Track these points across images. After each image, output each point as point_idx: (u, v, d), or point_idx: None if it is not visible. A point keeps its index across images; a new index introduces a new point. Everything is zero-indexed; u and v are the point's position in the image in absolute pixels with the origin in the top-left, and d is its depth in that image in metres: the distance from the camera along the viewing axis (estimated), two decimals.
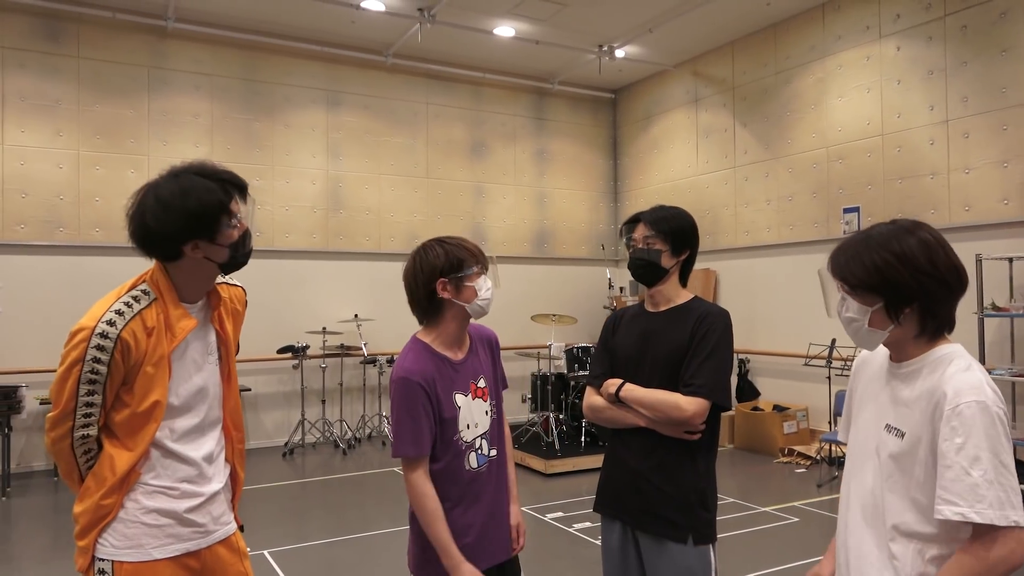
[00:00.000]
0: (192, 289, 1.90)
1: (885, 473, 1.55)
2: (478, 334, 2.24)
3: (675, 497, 2.17)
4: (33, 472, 6.98)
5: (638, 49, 8.78)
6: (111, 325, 1.75)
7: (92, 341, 1.74)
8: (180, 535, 1.87)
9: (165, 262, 1.86)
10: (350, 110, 8.72)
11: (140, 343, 1.78)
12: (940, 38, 6.47)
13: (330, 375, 8.31)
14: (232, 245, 1.85)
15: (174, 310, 1.85)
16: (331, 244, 8.54)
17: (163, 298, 1.85)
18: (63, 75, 7.31)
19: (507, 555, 2.20)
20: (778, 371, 7.92)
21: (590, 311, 9.93)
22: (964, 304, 5.93)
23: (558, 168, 10.07)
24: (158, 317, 1.83)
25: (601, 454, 7.67)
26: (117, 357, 1.75)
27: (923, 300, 1.52)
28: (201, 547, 1.91)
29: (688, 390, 2.16)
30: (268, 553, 4.64)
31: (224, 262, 1.87)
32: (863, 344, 1.61)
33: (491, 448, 2.16)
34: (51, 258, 7.20)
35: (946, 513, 1.41)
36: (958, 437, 1.41)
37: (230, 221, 1.83)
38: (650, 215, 2.32)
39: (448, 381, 2.08)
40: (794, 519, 5.30)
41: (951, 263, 1.53)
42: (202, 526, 1.91)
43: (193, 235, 1.80)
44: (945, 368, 1.51)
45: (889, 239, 1.54)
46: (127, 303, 1.80)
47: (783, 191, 7.93)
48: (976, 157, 6.20)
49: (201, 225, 1.79)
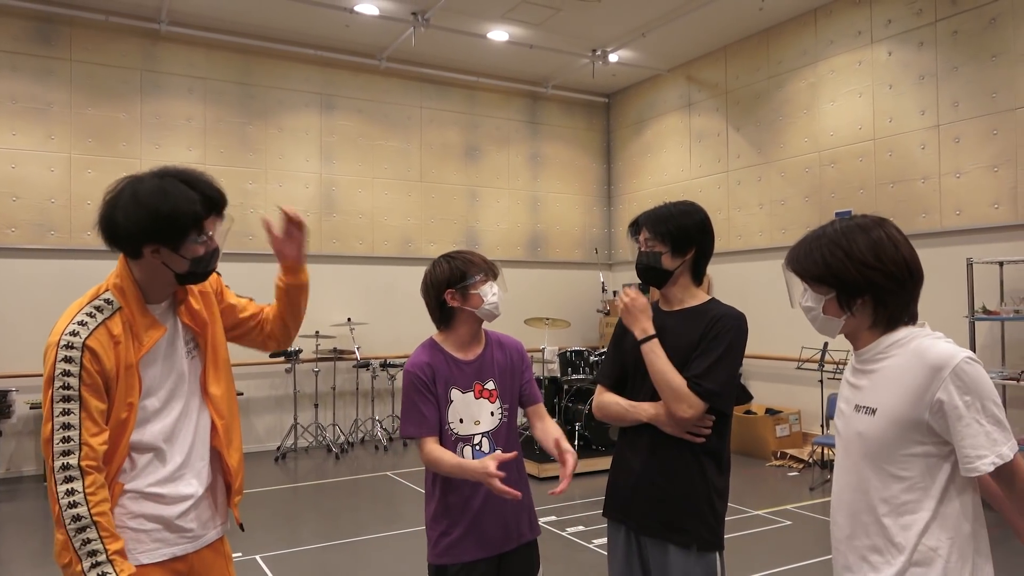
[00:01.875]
0: (155, 290, 1.85)
1: (864, 452, 1.61)
2: (501, 342, 2.40)
3: (680, 502, 2.13)
4: (23, 477, 6.94)
5: (632, 53, 8.81)
6: (75, 336, 1.71)
7: (59, 355, 1.68)
8: (167, 540, 1.85)
9: (128, 258, 1.82)
10: (344, 114, 8.71)
11: (108, 352, 1.73)
12: (931, 43, 6.51)
13: (323, 379, 8.29)
14: (195, 259, 1.81)
15: (141, 318, 1.81)
16: (324, 248, 8.53)
17: (128, 306, 1.80)
18: (55, 78, 7.29)
19: (501, 549, 2.24)
20: (771, 375, 7.94)
21: (583, 315, 9.94)
22: (955, 307, 5.94)
23: (552, 172, 10.08)
24: (124, 326, 1.78)
25: (595, 458, 7.60)
26: (88, 365, 1.69)
27: (873, 292, 1.60)
28: (188, 552, 1.89)
29: (688, 387, 2.11)
30: (260, 558, 4.62)
31: (181, 273, 1.82)
32: (822, 331, 1.72)
33: (494, 448, 2.25)
34: (42, 262, 7.16)
35: (982, 468, 1.48)
36: (967, 395, 1.48)
37: (198, 236, 1.79)
38: (648, 217, 2.27)
39: (448, 376, 2.26)
40: (787, 522, 5.31)
41: (900, 258, 1.60)
42: (189, 531, 1.89)
43: (156, 239, 1.75)
44: (918, 342, 1.58)
45: (840, 236, 1.64)
46: (90, 314, 1.76)
47: (776, 195, 7.96)
48: (967, 161, 6.24)
49: (167, 232, 1.75)
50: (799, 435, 7.46)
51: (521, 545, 2.29)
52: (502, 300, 2.31)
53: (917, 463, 1.54)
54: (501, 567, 2.26)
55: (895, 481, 1.56)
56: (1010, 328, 5.93)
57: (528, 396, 2.39)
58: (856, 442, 1.63)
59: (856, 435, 1.63)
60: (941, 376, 1.50)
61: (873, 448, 1.59)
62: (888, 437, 1.56)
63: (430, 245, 9.13)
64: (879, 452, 1.58)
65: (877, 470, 1.58)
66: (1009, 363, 5.89)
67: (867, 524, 1.60)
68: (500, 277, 2.33)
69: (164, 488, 1.85)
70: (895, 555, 1.55)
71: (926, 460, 1.54)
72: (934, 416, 1.51)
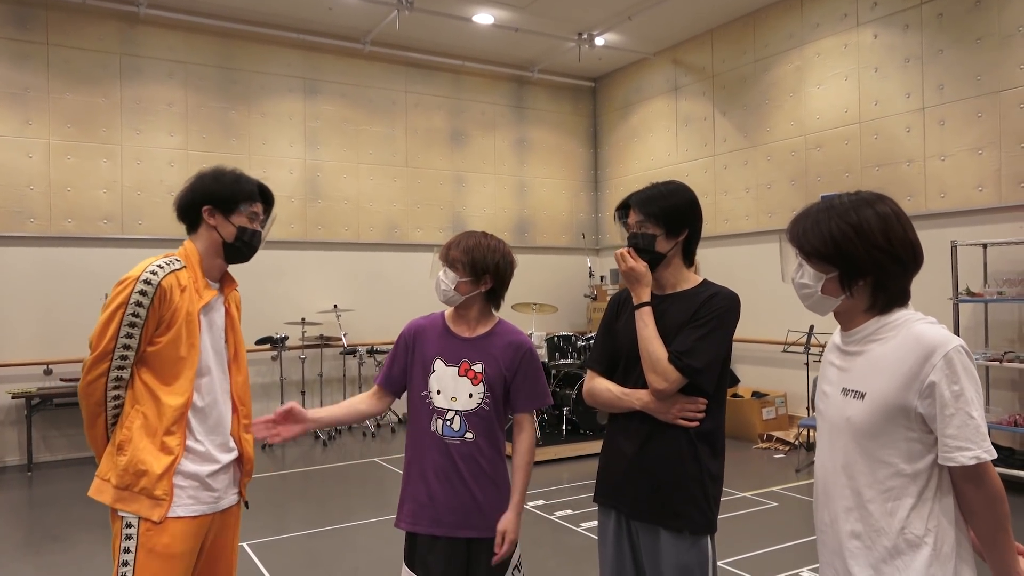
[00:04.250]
0: (209, 264, 2.18)
1: (852, 436, 1.58)
2: (509, 334, 2.32)
3: (674, 487, 2.09)
4: (6, 467, 6.87)
5: (618, 37, 8.76)
6: (153, 274, 2.02)
7: (136, 287, 2.00)
8: (199, 498, 2.08)
9: (190, 232, 2.19)
10: (328, 98, 8.62)
11: (175, 295, 2.05)
12: (917, 26, 6.51)
13: (309, 366, 8.25)
14: (240, 228, 2.17)
15: (201, 278, 2.15)
16: (310, 234, 8.46)
17: (191, 267, 2.13)
18: (32, 62, 7.15)
19: (465, 533, 2.20)
20: (757, 358, 7.98)
21: (571, 300, 9.94)
22: (939, 290, 5.97)
23: (538, 157, 10.04)
24: (189, 279, 2.11)
25: (582, 442, 7.62)
26: (156, 303, 2.00)
27: (877, 274, 1.55)
28: (215, 511, 2.13)
29: (669, 359, 2.06)
30: (247, 545, 4.60)
31: (228, 241, 2.17)
32: (814, 310, 1.66)
33: (466, 431, 2.23)
34: (21, 250, 7.06)
35: (961, 459, 1.45)
36: (955, 384, 1.45)
37: (250, 209, 2.19)
38: (639, 197, 2.21)
39: (437, 345, 2.30)
40: (773, 504, 5.35)
41: (907, 239, 1.56)
42: (216, 491, 2.12)
43: (214, 200, 2.14)
44: (910, 326, 1.54)
45: (848, 210, 1.57)
46: (165, 263, 2.08)
47: (762, 179, 7.97)
48: (951, 144, 6.27)
49: (224, 196, 2.15)
50: (785, 418, 7.52)
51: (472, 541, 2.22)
52: (439, 284, 2.28)
53: (904, 449, 1.52)
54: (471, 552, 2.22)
55: (881, 467, 1.53)
56: (993, 310, 5.98)
57: (513, 400, 2.30)
58: (844, 427, 1.59)
59: (844, 420, 1.59)
60: (932, 361, 1.47)
61: (861, 433, 1.55)
62: (877, 422, 1.53)
63: (416, 231, 9.08)
64: (867, 437, 1.55)
65: (864, 455, 1.55)
66: (992, 344, 5.94)
67: (851, 509, 1.58)
68: (435, 261, 2.40)
69: (210, 448, 2.11)
70: (877, 540, 1.54)
71: (913, 447, 1.51)
72: (924, 401, 1.48)
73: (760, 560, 4.23)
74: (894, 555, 1.52)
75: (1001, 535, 1.50)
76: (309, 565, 4.31)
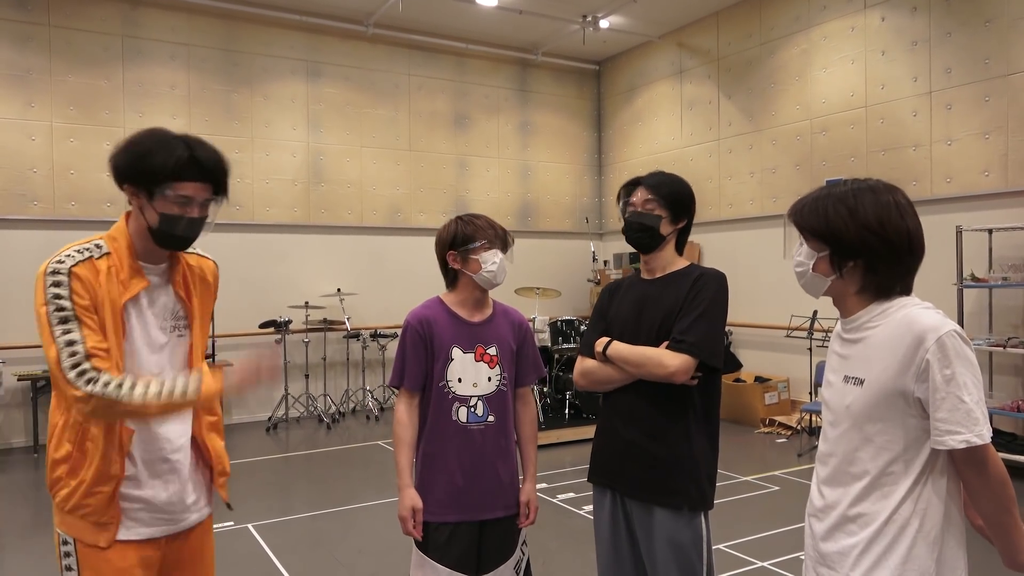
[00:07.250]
0: (143, 246, 1.84)
1: (853, 423, 1.59)
2: (506, 311, 2.42)
3: (666, 463, 2.12)
4: (12, 448, 6.92)
5: (622, 19, 8.68)
6: (60, 264, 1.73)
7: (47, 281, 1.71)
8: (143, 520, 1.83)
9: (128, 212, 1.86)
10: (331, 81, 8.58)
11: (93, 282, 1.74)
12: (924, 9, 6.44)
13: (313, 350, 8.27)
14: (164, 216, 1.77)
15: (128, 266, 1.81)
16: (313, 218, 8.46)
17: (118, 254, 1.80)
18: (34, 44, 7.12)
19: (489, 514, 2.26)
20: (760, 343, 7.98)
21: (574, 284, 9.93)
22: (943, 275, 5.92)
23: (542, 141, 10.00)
24: (109, 269, 1.78)
25: (584, 426, 7.62)
26: (76, 287, 1.71)
27: (866, 257, 1.57)
28: (167, 534, 1.88)
29: (673, 345, 2.09)
30: (252, 527, 4.64)
31: (153, 227, 1.79)
32: (808, 290, 1.69)
33: (489, 414, 2.28)
34: (25, 232, 7.06)
35: (951, 443, 1.46)
36: (947, 369, 1.46)
37: (172, 189, 1.75)
38: (651, 179, 2.27)
39: (451, 333, 2.28)
40: (775, 488, 5.38)
41: (903, 227, 1.56)
42: (170, 513, 1.87)
43: (131, 179, 1.77)
44: (905, 312, 1.55)
45: (848, 194, 1.60)
46: (77, 251, 1.77)
47: (767, 163, 7.93)
48: (958, 128, 6.22)
49: (140, 174, 1.76)
50: (787, 403, 7.53)
51: (496, 522, 2.29)
52: (503, 271, 2.30)
53: (903, 435, 1.53)
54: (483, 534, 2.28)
55: (881, 452, 1.55)
56: (998, 295, 5.97)
57: (519, 375, 2.39)
58: (844, 414, 1.61)
59: (844, 408, 1.61)
60: (925, 345, 1.47)
61: (861, 419, 1.57)
62: (876, 407, 1.54)
63: (419, 215, 9.06)
64: (867, 422, 1.56)
65: (864, 441, 1.57)
66: (996, 330, 5.93)
67: (847, 492, 1.60)
68: (509, 249, 2.35)
69: (153, 463, 1.84)
70: (868, 523, 1.55)
71: (913, 432, 1.52)
72: (919, 385, 1.49)
73: (761, 543, 4.25)
74: (881, 536, 1.54)
75: (1007, 518, 1.51)
76: (313, 546, 4.35)
